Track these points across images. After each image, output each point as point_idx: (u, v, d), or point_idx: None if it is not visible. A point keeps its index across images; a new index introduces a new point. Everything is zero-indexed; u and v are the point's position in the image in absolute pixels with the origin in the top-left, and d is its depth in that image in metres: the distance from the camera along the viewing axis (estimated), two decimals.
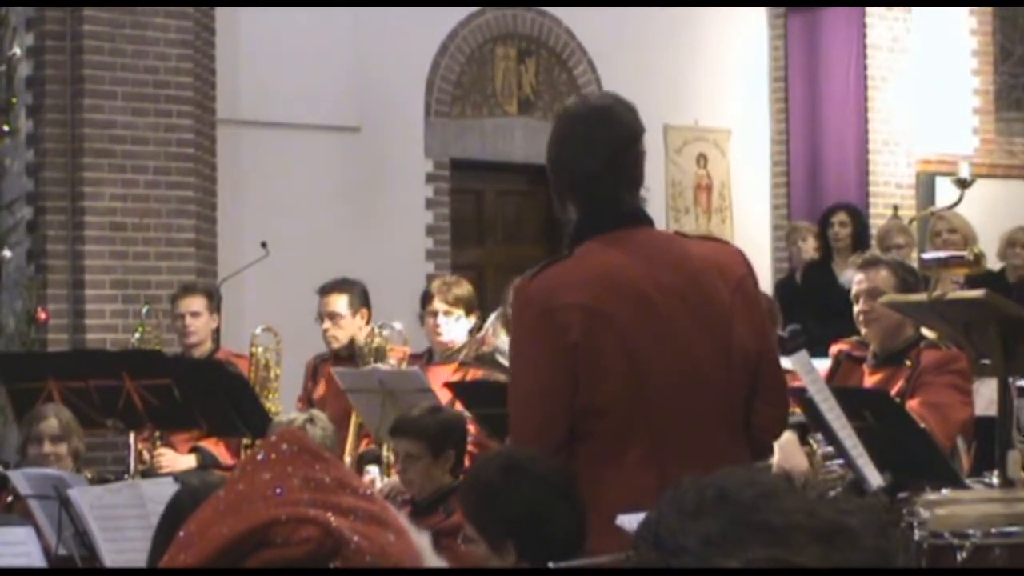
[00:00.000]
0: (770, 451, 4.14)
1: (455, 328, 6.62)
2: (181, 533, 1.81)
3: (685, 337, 3.43)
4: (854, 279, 5.62)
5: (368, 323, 7.22)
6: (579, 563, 3.39)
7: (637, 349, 3.40)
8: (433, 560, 1.94)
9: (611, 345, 3.39)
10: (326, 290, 7.24)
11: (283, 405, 7.26)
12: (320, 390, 7.21)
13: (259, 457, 1.86)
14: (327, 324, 7.17)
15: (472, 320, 6.64)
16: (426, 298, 6.76)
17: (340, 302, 7.17)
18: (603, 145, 3.48)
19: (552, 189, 3.58)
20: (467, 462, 5.38)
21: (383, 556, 1.79)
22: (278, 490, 1.79)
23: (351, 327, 7.16)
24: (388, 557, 1.80)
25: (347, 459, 6.72)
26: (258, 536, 1.76)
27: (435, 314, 6.64)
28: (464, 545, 3.61)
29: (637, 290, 3.42)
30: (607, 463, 3.42)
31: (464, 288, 6.76)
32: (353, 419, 6.78)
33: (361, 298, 7.22)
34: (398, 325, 7.17)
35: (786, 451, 5.31)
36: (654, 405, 3.41)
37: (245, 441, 6.81)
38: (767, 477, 1.33)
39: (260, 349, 7.36)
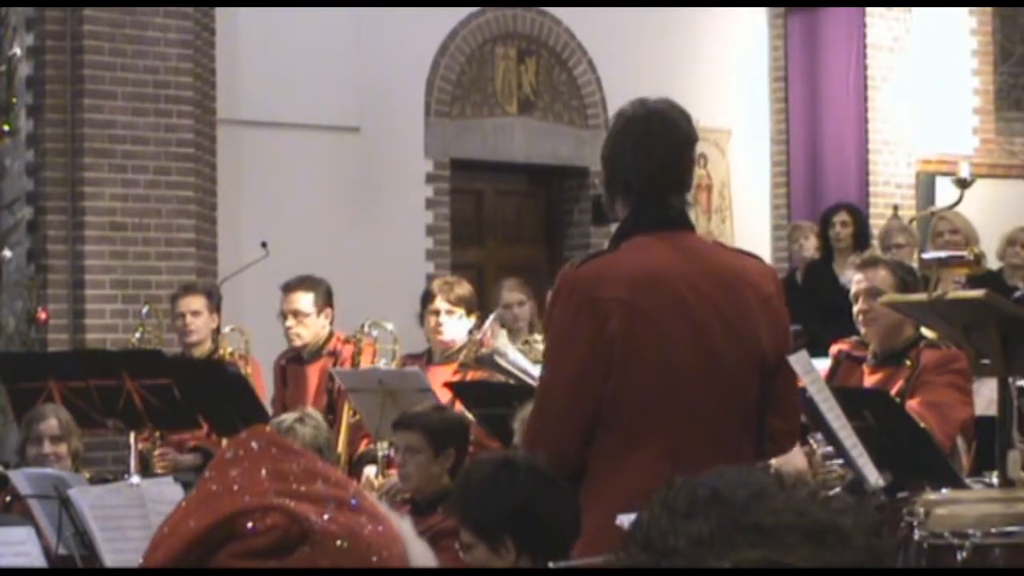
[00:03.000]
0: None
1: (456, 327, 6.62)
2: (157, 534, 1.82)
3: (713, 341, 3.59)
4: (853, 279, 5.62)
5: (332, 323, 7.21)
6: (578, 563, 3.39)
7: (669, 347, 3.55)
8: (416, 542, 1.94)
9: (646, 340, 3.54)
10: (290, 287, 7.19)
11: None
12: (290, 391, 7.19)
13: (228, 455, 1.87)
14: (291, 322, 7.12)
15: (472, 320, 6.65)
16: (427, 298, 6.76)
17: (304, 300, 7.14)
18: (659, 147, 3.64)
19: (603, 185, 3.73)
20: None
21: (354, 539, 1.80)
22: (244, 483, 1.79)
23: (315, 325, 7.14)
24: (360, 540, 1.80)
25: (340, 457, 6.72)
26: (225, 529, 1.77)
27: (437, 313, 6.63)
28: (462, 553, 3.61)
29: (675, 291, 3.58)
30: (624, 454, 3.54)
31: (465, 288, 6.77)
32: (344, 418, 6.78)
33: (325, 297, 7.19)
34: (389, 326, 7.16)
35: None
36: (677, 402, 3.56)
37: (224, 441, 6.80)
38: (759, 477, 1.32)
39: (229, 349, 7.36)
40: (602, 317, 3.51)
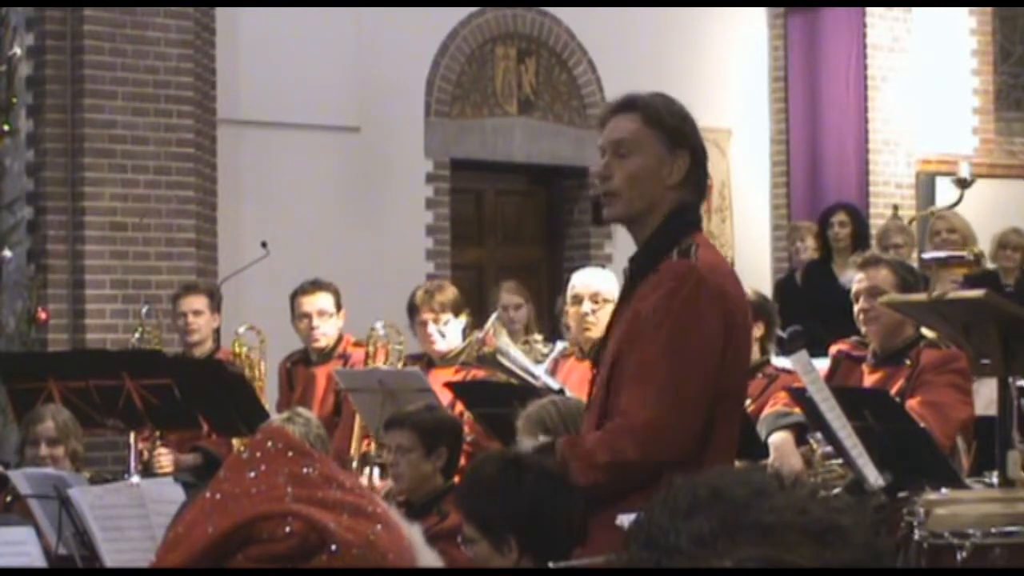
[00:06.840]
0: None
1: (448, 333, 6.55)
2: (170, 533, 1.81)
3: (749, 339, 3.87)
4: (855, 278, 5.63)
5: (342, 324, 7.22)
6: (579, 563, 3.39)
7: (746, 346, 3.73)
8: (425, 550, 1.94)
9: (744, 338, 3.67)
10: (308, 290, 7.18)
11: (268, 404, 7.22)
12: (298, 394, 7.18)
13: (244, 456, 1.86)
14: (316, 321, 7.11)
15: (463, 319, 6.60)
16: (411, 310, 6.68)
17: (326, 299, 7.15)
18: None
19: (696, 177, 3.66)
20: (464, 461, 5.37)
21: (370, 548, 1.79)
22: (263, 487, 1.79)
23: (335, 325, 7.15)
24: (375, 548, 1.80)
25: (354, 460, 6.70)
26: (243, 533, 1.76)
27: (425, 324, 6.57)
28: (464, 547, 3.61)
29: (743, 290, 3.75)
30: (701, 452, 3.53)
31: (447, 292, 6.65)
32: (357, 420, 6.75)
33: (338, 298, 7.22)
34: (379, 324, 7.15)
35: (781, 452, 5.32)
36: (742, 399, 3.78)
37: (235, 441, 6.80)
38: (759, 476, 1.33)
39: (245, 349, 7.35)
40: (729, 311, 3.53)
